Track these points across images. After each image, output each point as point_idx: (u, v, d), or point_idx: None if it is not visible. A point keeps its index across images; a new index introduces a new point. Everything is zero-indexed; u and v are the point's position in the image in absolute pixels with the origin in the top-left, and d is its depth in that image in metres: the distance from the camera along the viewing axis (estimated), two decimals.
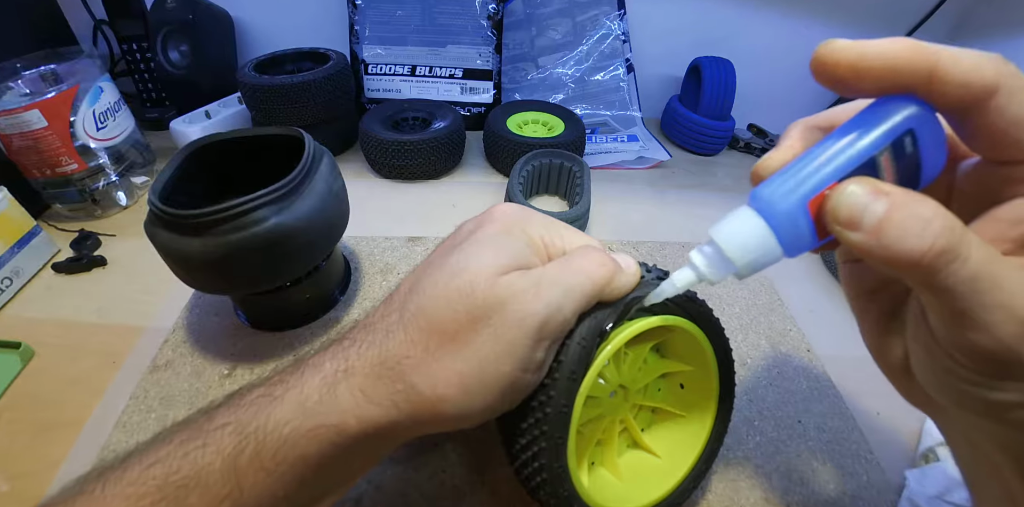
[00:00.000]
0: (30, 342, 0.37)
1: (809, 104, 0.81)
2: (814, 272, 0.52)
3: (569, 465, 0.24)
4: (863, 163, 0.15)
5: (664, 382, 0.31)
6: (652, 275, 0.26)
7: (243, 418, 0.20)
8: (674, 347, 0.30)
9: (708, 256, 0.19)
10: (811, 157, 0.16)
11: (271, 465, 0.19)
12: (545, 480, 0.23)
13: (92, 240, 0.48)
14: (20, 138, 0.44)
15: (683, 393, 0.31)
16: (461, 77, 0.69)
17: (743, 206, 0.18)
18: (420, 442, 0.33)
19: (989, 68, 0.14)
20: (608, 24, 0.72)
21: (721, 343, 0.28)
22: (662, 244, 0.53)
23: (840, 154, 0.16)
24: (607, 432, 0.29)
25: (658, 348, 0.30)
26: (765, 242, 0.17)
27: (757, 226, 0.17)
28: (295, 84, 0.55)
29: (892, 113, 0.15)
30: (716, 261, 0.19)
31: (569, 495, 0.24)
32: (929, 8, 0.70)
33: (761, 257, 0.17)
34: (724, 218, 0.18)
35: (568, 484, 0.24)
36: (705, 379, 0.29)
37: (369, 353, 0.21)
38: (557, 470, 0.23)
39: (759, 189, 0.17)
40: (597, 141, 0.70)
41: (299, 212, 0.32)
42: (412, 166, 0.58)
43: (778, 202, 0.16)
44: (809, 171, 0.16)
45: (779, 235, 0.17)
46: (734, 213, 0.18)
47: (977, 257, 0.14)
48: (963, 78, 0.14)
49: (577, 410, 0.23)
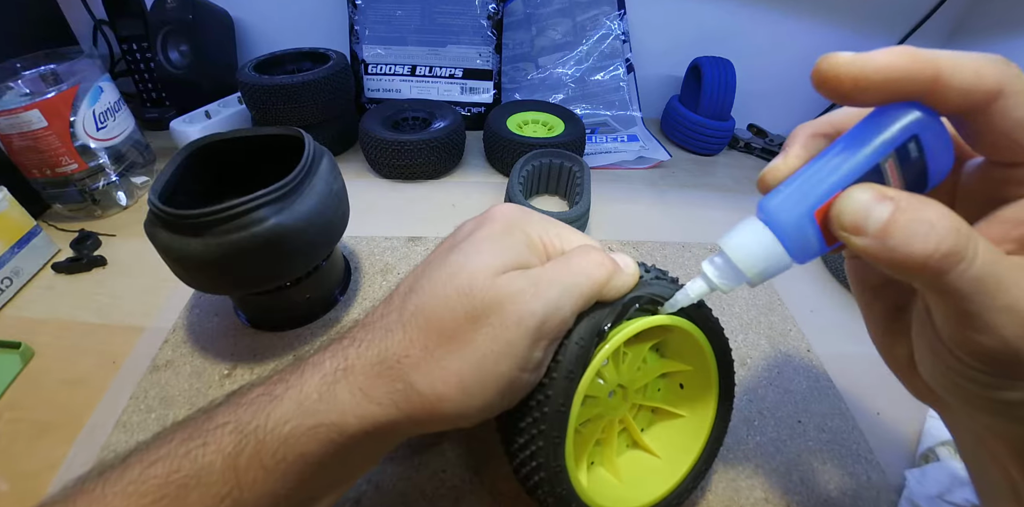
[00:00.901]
0: (30, 342, 0.37)
1: (809, 104, 0.81)
2: (814, 272, 0.52)
3: (567, 464, 0.24)
4: (868, 171, 0.16)
5: (664, 382, 0.31)
6: (651, 275, 0.26)
7: (243, 417, 0.20)
8: (673, 347, 0.30)
9: (719, 267, 0.20)
10: (815, 168, 0.17)
11: (271, 463, 0.19)
12: (543, 479, 0.23)
13: (92, 240, 0.48)
14: (20, 138, 0.44)
15: (683, 393, 0.30)
16: (461, 77, 0.69)
17: (751, 217, 0.18)
18: (420, 442, 0.33)
19: (991, 72, 0.14)
20: (608, 24, 0.72)
21: (720, 343, 0.28)
22: (662, 244, 0.53)
23: (844, 164, 0.16)
24: (606, 432, 0.29)
25: (657, 348, 0.30)
26: (774, 252, 0.17)
27: (766, 238, 0.17)
28: (295, 84, 0.55)
29: (895, 120, 0.15)
30: (727, 272, 0.20)
31: (567, 494, 0.24)
32: (929, 8, 0.70)
33: (771, 267, 0.18)
34: (733, 229, 0.19)
35: (566, 483, 0.24)
36: (705, 379, 0.29)
37: (368, 352, 0.21)
38: (555, 469, 0.23)
39: (766, 201, 0.17)
40: (597, 141, 0.70)
41: (299, 212, 0.32)
42: (412, 166, 0.58)
43: (785, 214, 0.17)
44: (814, 182, 0.16)
45: (788, 245, 0.17)
46: (743, 224, 0.18)
47: (983, 259, 0.13)
48: (965, 85, 0.14)
49: (575, 410, 0.23)
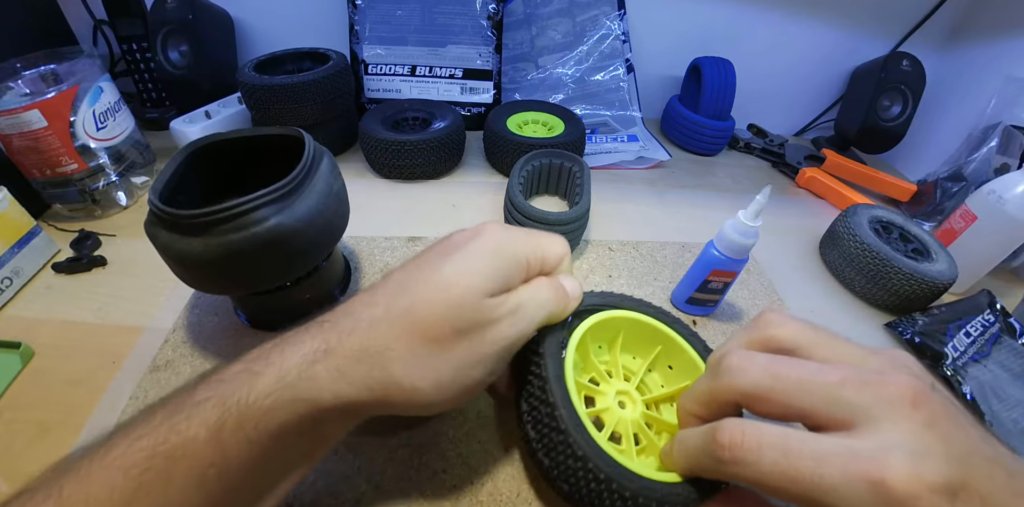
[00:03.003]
0: (30, 342, 0.37)
1: (809, 104, 0.81)
2: (814, 272, 0.52)
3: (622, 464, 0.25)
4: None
5: (656, 373, 0.34)
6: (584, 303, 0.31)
7: (225, 392, 0.21)
8: (634, 338, 0.34)
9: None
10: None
11: (254, 434, 0.20)
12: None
13: (92, 240, 0.48)
14: (20, 138, 0.44)
15: (676, 370, 0.33)
16: (461, 77, 0.69)
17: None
18: (419, 442, 0.33)
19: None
20: (608, 24, 0.72)
21: (671, 320, 0.33)
22: (662, 244, 0.53)
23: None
24: (642, 435, 0.30)
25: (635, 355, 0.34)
26: None
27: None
28: (295, 84, 0.55)
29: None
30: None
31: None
32: (929, 8, 0.70)
33: None
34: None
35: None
36: (680, 350, 0.32)
37: (351, 339, 0.22)
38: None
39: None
40: (597, 141, 0.70)
41: (299, 212, 0.32)
42: (412, 166, 0.58)
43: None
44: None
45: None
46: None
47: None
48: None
49: (580, 410, 0.26)
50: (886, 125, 0.69)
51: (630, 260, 0.50)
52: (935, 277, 0.45)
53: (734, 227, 0.37)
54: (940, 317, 0.45)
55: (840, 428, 0.20)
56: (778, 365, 0.22)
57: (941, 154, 0.65)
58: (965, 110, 0.67)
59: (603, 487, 0.24)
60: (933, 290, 0.45)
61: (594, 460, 0.24)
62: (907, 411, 0.20)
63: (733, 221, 0.37)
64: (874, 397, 0.20)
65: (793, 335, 0.24)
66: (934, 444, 0.19)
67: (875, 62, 0.71)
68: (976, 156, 0.59)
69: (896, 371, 0.21)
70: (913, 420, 0.19)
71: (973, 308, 0.46)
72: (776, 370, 0.22)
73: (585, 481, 0.24)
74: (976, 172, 0.58)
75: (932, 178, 0.62)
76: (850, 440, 0.20)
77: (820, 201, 0.65)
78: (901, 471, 0.18)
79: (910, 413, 0.20)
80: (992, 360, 0.42)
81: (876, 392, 0.20)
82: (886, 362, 0.22)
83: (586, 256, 0.50)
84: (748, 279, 0.49)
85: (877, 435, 0.19)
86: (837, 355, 0.23)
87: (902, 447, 0.19)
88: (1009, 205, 0.45)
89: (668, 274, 0.49)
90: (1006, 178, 0.46)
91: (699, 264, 0.41)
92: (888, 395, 0.20)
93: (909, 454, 0.18)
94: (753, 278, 0.50)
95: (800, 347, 0.24)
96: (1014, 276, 0.55)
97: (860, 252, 0.47)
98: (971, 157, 0.59)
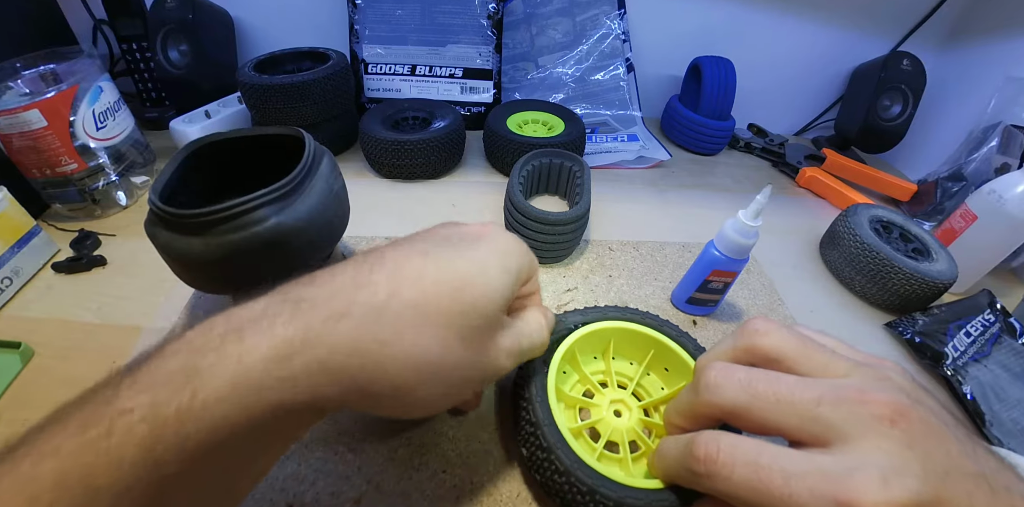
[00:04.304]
0: (30, 342, 0.37)
1: (809, 104, 0.81)
2: (814, 272, 0.52)
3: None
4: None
5: (653, 378, 0.34)
6: (561, 326, 0.33)
7: (159, 398, 0.16)
8: (625, 345, 0.34)
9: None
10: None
11: (198, 453, 0.16)
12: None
13: (92, 240, 0.47)
14: (20, 138, 0.44)
15: (672, 372, 0.34)
16: (461, 77, 0.69)
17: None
18: (419, 442, 0.33)
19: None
20: (608, 24, 0.72)
21: (660, 323, 0.34)
22: (662, 244, 0.53)
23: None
24: (640, 441, 0.30)
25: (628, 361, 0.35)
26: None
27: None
28: (295, 84, 0.55)
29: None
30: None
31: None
32: (929, 8, 0.70)
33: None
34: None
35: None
36: (670, 352, 0.33)
37: (341, 327, 0.19)
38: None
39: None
40: (597, 141, 0.70)
41: (299, 212, 0.32)
42: (412, 166, 0.58)
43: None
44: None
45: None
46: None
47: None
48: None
49: (557, 411, 0.28)
50: (886, 125, 0.69)
51: (630, 260, 0.50)
52: (935, 277, 0.45)
53: (734, 227, 0.37)
54: (940, 317, 0.45)
55: (816, 445, 0.20)
56: (756, 382, 0.22)
57: (941, 154, 0.65)
58: (965, 110, 0.67)
59: (587, 499, 0.25)
60: (933, 290, 0.45)
61: (575, 473, 0.25)
62: (884, 429, 0.19)
63: (733, 221, 0.37)
64: (851, 415, 0.20)
65: (777, 345, 0.24)
66: (910, 462, 0.19)
67: (875, 62, 0.71)
68: (976, 156, 0.59)
69: (879, 386, 0.21)
70: (890, 438, 0.19)
71: (973, 308, 0.46)
72: (754, 388, 0.22)
73: (571, 494, 0.25)
74: (976, 172, 0.58)
75: (932, 178, 0.62)
76: (823, 458, 0.20)
77: (820, 201, 0.65)
78: (870, 492, 0.18)
79: (887, 431, 0.19)
80: (992, 360, 0.42)
81: (853, 410, 0.20)
82: (870, 376, 0.22)
83: (586, 256, 0.50)
84: (748, 279, 0.49)
85: (851, 454, 0.19)
86: (821, 367, 0.23)
87: (875, 466, 0.19)
88: (1009, 205, 0.45)
89: (668, 274, 0.49)
90: (1006, 178, 0.47)
91: (699, 264, 0.41)
92: (866, 413, 0.20)
93: (880, 474, 0.18)
94: (753, 278, 0.50)
95: (784, 358, 0.23)
96: (1014, 276, 0.55)
97: (860, 252, 0.47)
98: (971, 157, 0.59)
